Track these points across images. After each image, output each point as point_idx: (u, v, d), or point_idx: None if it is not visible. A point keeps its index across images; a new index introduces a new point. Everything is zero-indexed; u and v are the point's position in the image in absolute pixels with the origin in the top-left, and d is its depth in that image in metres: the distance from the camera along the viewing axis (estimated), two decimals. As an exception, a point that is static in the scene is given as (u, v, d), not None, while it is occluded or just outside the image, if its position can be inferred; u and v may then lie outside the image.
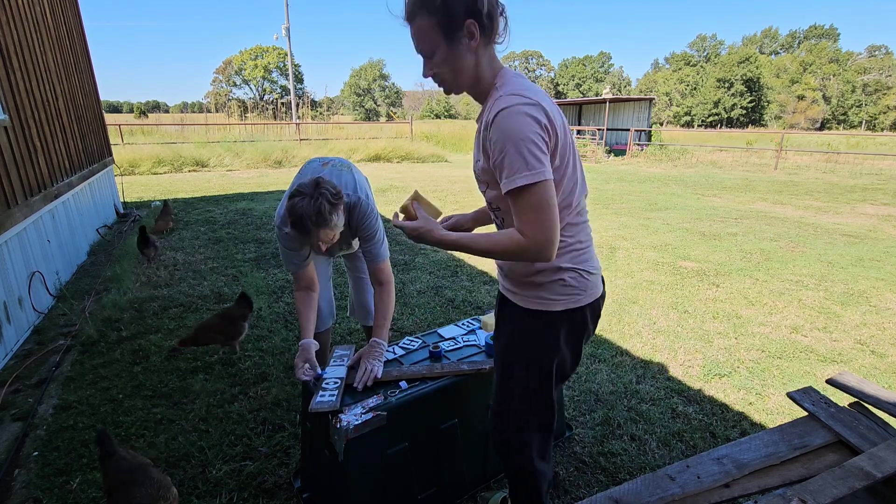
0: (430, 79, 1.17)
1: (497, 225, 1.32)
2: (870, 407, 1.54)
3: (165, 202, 6.11)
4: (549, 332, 1.27)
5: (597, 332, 3.22)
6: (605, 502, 1.23)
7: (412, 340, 1.94)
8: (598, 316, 1.35)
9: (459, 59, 1.11)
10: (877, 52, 54.78)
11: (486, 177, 1.18)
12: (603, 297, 1.34)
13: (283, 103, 37.71)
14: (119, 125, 13.61)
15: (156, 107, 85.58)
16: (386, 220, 6.37)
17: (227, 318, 2.77)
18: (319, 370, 1.70)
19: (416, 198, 1.33)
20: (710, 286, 4.09)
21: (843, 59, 53.65)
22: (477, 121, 1.20)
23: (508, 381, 1.36)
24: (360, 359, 1.71)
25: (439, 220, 1.44)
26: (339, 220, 1.69)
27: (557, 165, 1.12)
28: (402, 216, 1.30)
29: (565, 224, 1.18)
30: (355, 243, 2.20)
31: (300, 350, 1.78)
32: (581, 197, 1.23)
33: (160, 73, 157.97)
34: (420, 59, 1.16)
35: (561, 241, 1.17)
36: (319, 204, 1.60)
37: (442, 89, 1.19)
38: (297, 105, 26.51)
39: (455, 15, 1.06)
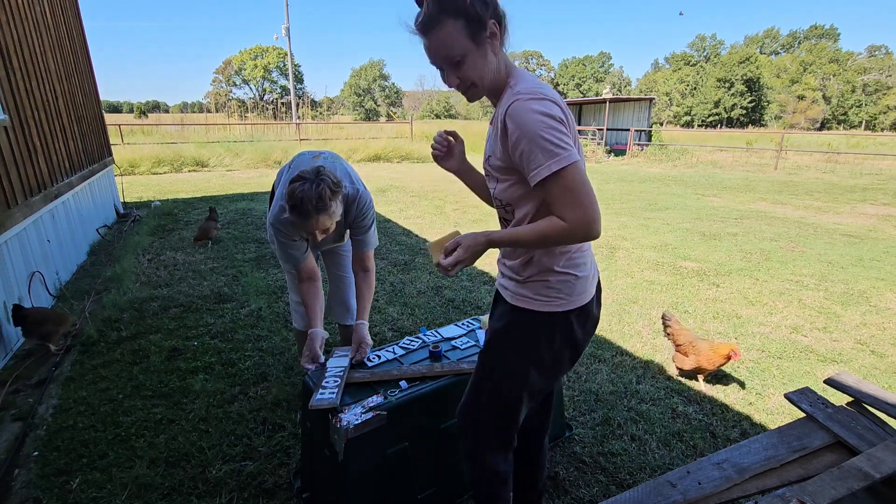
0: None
1: (502, 220, 1.30)
2: (868, 407, 1.54)
3: (212, 208, 5.65)
4: (528, 333, 1.25)
5: (597, 332, 3.23)
6: (605, 509, 1.23)
7: (412, 340, 1.94)
8: (592, 323, 1.30)
9: (485, 61, 1.11)
10: (877, 52, 54.74)
11: (499, 173, 1.19)
12: (595, 303, 1.30)
13: (283, 103, 37.69)
14: (119, 125, 13.60)
15: (156, 107, 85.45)
16: (387, 221, 6.38)
17: None
18: (322, 359, 1.79)
19: (442, 241, 1.22)
20: (710, 286, 4.10)
21: (843, 59, 53.60)
22: (491, 122, 1.21)
23: (480, 380, 1.35)
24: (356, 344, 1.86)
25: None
26: (337, 209, 1.73)
27: None
28: (440, 256, 1.18)
29: None
30: (346, 235, 2.23)
31: (308, 338, 1.85)
32: None
33: (160, 73, 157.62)
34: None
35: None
36: (321, 189, 1.63)
37: (466, 96, 1.19)
38: (297, 105, 26.51)
39: (480, 15, 1.07)
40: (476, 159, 1.43)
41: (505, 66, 1.16)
